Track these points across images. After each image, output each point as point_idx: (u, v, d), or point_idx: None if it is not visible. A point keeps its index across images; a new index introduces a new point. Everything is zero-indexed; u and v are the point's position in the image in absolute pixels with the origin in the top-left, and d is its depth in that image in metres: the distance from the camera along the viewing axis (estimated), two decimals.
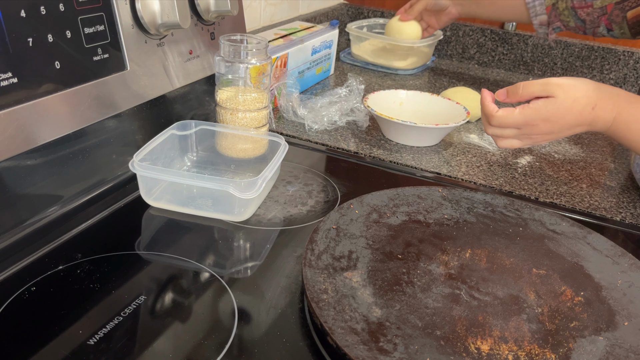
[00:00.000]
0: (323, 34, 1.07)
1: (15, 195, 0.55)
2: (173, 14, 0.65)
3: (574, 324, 0.50)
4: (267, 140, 0.74)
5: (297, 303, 0.52)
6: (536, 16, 0.97)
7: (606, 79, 1.27)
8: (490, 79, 1.27)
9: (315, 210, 0.67)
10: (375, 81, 1.17)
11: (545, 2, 0.94)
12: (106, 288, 0.51)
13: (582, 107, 0.65)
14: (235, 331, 0.47)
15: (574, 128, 0.67)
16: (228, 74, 0.72)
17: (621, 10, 0.86)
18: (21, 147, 0.54)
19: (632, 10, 0.85)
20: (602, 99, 0.66)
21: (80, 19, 0.58)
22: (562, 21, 0.95)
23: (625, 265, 0.57)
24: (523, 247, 0.60)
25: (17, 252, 0.54)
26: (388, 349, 0.45)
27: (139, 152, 0.62)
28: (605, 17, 0.88)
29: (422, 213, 0.65)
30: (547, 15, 0.95)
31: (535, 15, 0.97)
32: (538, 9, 0.95)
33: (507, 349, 0.46)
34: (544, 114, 0.66)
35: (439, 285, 0.53)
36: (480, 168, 0.81)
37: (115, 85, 0.63)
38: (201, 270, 0.55)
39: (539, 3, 0.95)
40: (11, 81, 0.51)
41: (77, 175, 0.62)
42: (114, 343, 0.45)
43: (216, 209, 0.64)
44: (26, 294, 0.49)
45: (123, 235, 0.60)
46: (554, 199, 0.75)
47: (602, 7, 0.88)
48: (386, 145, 0.86)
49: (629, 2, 0.85)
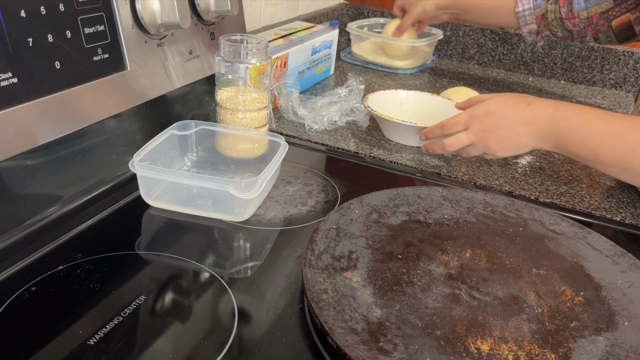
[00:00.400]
0: (323, 34, 1.07)
1: (15, 195, 0.55)
2: (173, 14, 0.65)
3: (574, 324, 0.50)
4: (267, 140, 0.74)
5: (297, 303, 0.52)
6: (526, 25, 0.99)
7: (606, 79, 1.27)
8: (490, 79, 1.27)
9: (315, 210, 0.67)
10: (376, 81, 1.17)
11: (535, 12, 0.96)
12: (106, 288, 0.51)
13: (516, 101, 0.70)
14: (235, 331, 0.47)
15: (517, 126, 0.69)
16: (228, 74, 0.72)
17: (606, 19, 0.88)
18: (21, 147, 0.54)
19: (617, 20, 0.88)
20: (538, 99, 0.70)
21: (80, 19, 0.58)
22: (551, 30, 0.97)
23: (625, 265, 0.57)
24: (523, 247, 0.60)
25: (17, 252, 0.54)
26: (388, 349, 0.45)
27: (139, 152, 0.62)
28: (591, 27, 0.91)
29: (422, 213, 0.65)
30: (537, 24, 0.97)
31: (525, 24, 0.99)
32: (528, 18, 0.97)
33: (507, 349, 0.46)
34: (483, 107, 0.72)
35: (439, 285, 0.53)
36: (480, 168, 0.81)
37: (115, 85, 0.63)
38: (201, 270, 0.55)
39: (528, 13, 0.96)
40: (11, 81, 0.51)
41: (77, 175, 0.62)
42: (114, 343, 0.45)
43: (216, 209, 0.64)
44: (26, 294, 0.49)
45: (123, 235, 0.60)
46: (554, 199, 0.75)
47: (588, 18, 0.90)
48: (386, 145, 0.86)
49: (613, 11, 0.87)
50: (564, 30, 0.94)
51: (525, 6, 0.96)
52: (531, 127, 0.69)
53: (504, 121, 0.70)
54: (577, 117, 0.66)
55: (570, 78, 1.30)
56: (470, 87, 1.09)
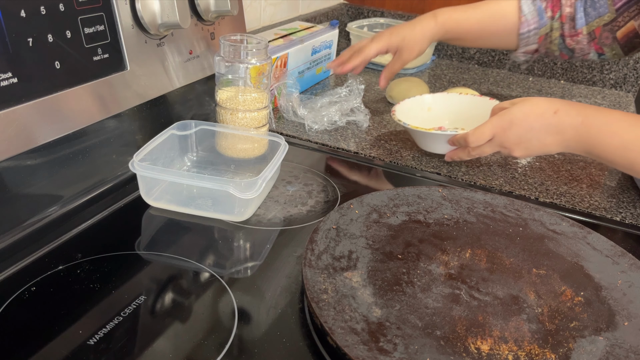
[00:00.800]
0: (323, 34, 1.07)
1: (15, 195, 0.55)
2: (173, 14, 0.65)
3: (574, 324, 0.50)
4: (267, 140, 0.74)
5: (297, 303, 0.52)
6: (526, 46, 0.92)
7: (606, 79, 1.27)
8: (490, 79, 1.26)
9: (315, 210, 0.67)
10: (376, 81, 1.17)
11: (540, 31, 0.90)
12: (106, 288, 0.51)
13: (542, 110, 0.67)
14: (235, 331, 0.47)
15: (544, 137, 0.68)
16: (228, 74, 0.72)
17: (610, 31, 0.85)
18: (21, 147, 0.54)
19: (621, 30, 0.84)
20: (565, 104, 0.67)
21: (80, 19, 0.58)
22: (548, 49, 0.92)
23: (625, 265, 0.57)
24: (523, 247, 0.60)
25: (17, 252, 0.54)
26: (388, 349, 0.45)
27: (139, 152, 0.62)
28: (594, 42, 0.87)
29: (422, 213, 0.65)
30: (538, 44, 0.92)
31: (526, 45, 0.92)
32: (531, 39, 0.91)
33: (507, 349, 0.46)
34: (508, 117, 0.69)
35: (439, 285, 0.53)
36: (480, 168, 0.81)
37: (115, 85, 0.63)
38: (201, 270, 0.55)
39: (533, 33, 0.90)
40: (11, 81, 0.51)
41: (77, 175, 0.62)
42: (114, 343, 0.45)
43: (216, 209, 0.64)
44: (26, 294, 0.49)
45: (123, 235, 0.60)
46: (554, 199, 0.75)
47: (590, 33, 0.86)
48: (386, 146, 0.86)
49: (616, 22, 0.84)
50: (565, 49, 0.90)
51: (531, 26, 0.90)
52: (559, 137, 0.67)
53: (531, 133, 0.68)
54: (608, 126, 0.65)
55: (570, 78, 1.30)
56: (470, 87, 1.09)
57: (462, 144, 0.74)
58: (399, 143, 0.87)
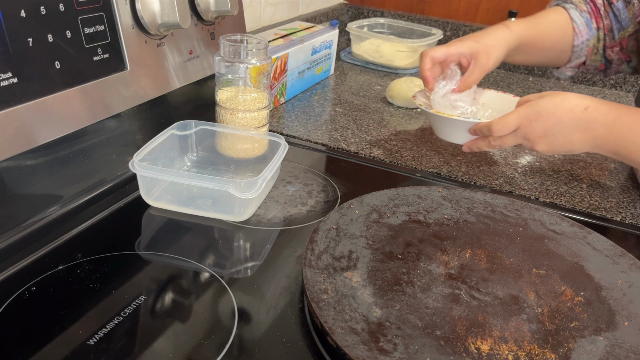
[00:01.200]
0: (323, 34, 1.07)
1: (15, 195, 0.55)
2: (173, 14, 0.65)
3: (574, 324, 0.50)
4: (267, 140, 0.74)
5: (297, 303, 0.52)
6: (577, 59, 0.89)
7: (606, 79, 1.27)
8: (490, 79, 1.26)
9: (315, 210, 0.67)
10: (376, 81, 1.17)
11: (589, 42, 0.87)
12: (106, 288, 0.51)
13: (572, 105, 0.65)
14: (235, 331, 0.47)
15: (571, 132, 0.66)
16: (228, 74, 0.72)
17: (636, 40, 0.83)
18: (21, 147, 0.54)
19: None
20: (596, 102, 0.65)
21: (80, 19, 0.58)
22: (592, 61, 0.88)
23: (625, 265, 0.57)
24: (523, 247, 0.60)
25: (17, 252, 0.54)
26: (388, 349, 0.45)
27: (139, 152, 0.62)
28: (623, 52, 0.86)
29: (422, 213, 0.65)
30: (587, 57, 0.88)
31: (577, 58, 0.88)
32: (582, 51, 0.87)
33: (507, 349, 0.46)
34: (536, 109, 0.66)
35: (439, 285, 0.53)
36: (480, 168, 0.81)
37: (115, 85, 0.63)
38: (201, 270, 0.55)
39: (585, 45, 0.87)
40: (11, 81, 0.51)
41: (77, 175, 0.62)
42: (114, 343, 0.45)
43: (216, 209, 0.64)
44: (26, 294, 0.49)
45: (123, 235, 0.60)
46: (554, 199, 0.75)
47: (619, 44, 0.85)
48: (386, 146, 0.86)
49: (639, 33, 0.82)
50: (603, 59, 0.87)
51: (583, 37, 0.86)
52: (587, 134, 0.65)
53: (558, 127, 0.66)
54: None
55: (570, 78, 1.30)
56: None
57: (484, 132, 0.71)
58: (399, 143, 0.87)
